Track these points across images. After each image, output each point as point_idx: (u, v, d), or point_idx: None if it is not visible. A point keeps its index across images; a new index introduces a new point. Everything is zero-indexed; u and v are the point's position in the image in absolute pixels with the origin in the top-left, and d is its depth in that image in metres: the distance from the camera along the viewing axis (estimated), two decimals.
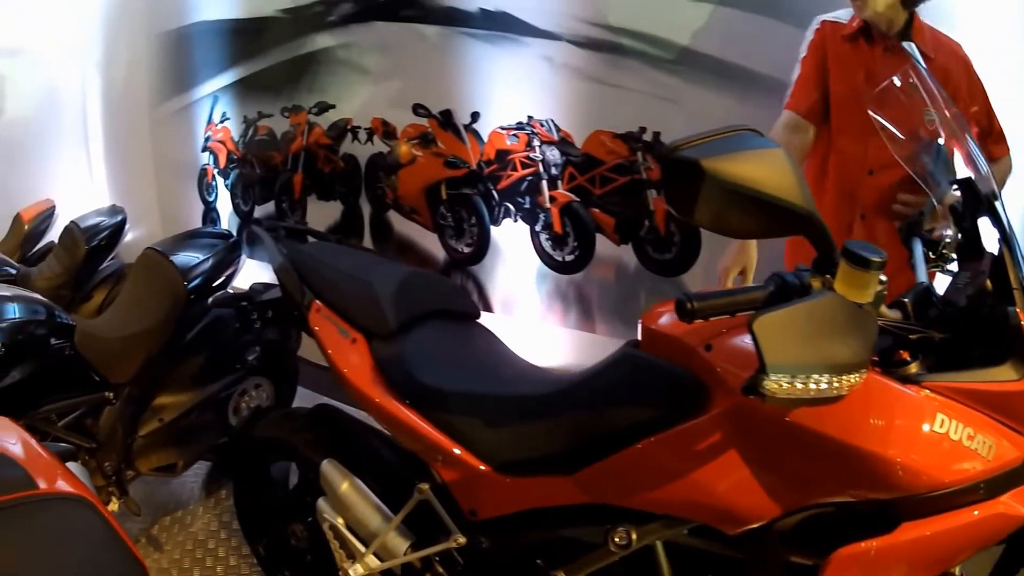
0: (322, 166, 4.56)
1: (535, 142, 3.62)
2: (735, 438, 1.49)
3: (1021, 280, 1.44)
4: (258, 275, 3.85)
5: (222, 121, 5.13)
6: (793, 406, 1.29)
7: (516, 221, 3.78)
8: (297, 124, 4.63)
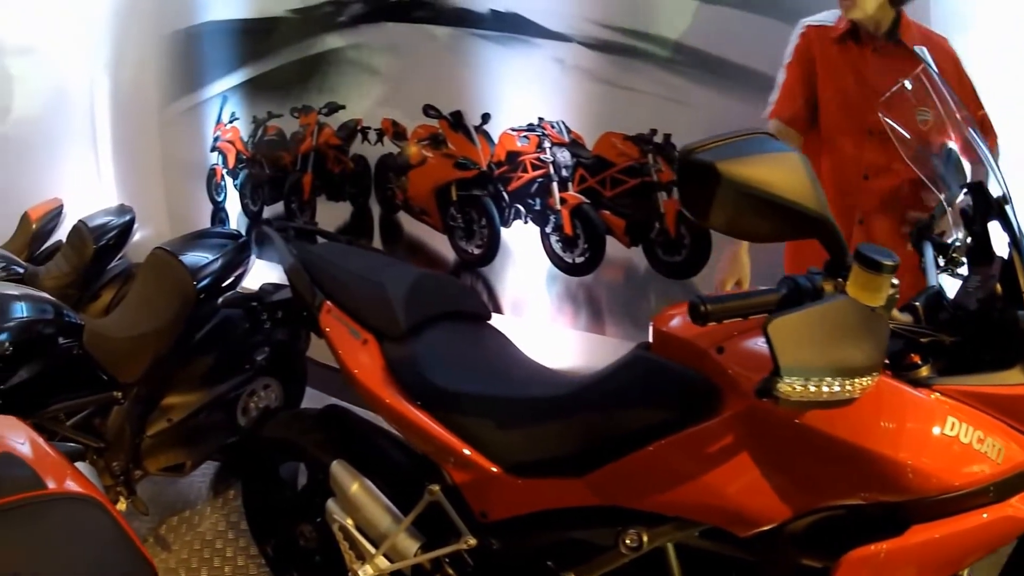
0: (332, 167, 4.56)
1: (546, 144, 3.62)
2: (747, 440, 1.50)
3: None
4: (267, 275, 3.87)
5: (231, 121, 5.13)
6: (805, 409, 1.30)
7: (526, 223, 3.78)
8: (307, 124, 4.63)
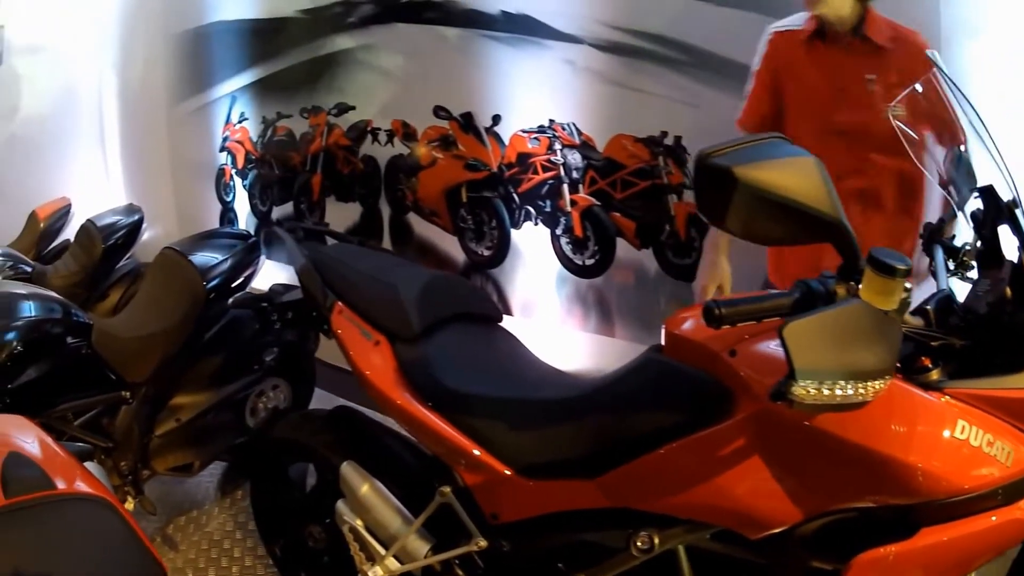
0: (341, 167, 4.56)
1: (556, 145, 3.62)
2: (758, 443, 1.52)
3: None
4: (276, 276, 3.89)
5: (240, 121, 5.14)
6: (819, 412, 1.32)
7: (536, 224, 3.79)
8: (316, 125, 4.64)
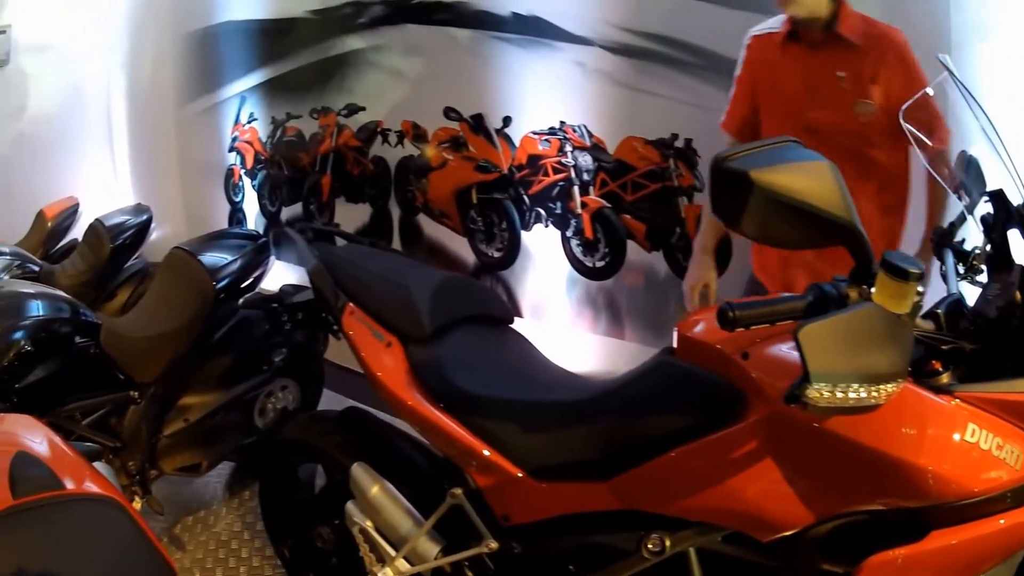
0: (351, 168, 4.58)
1: (567, 147, 3.63)
2: (770, 446, 1.53)
3: None
4: (285, 276, 3.90)
5: (249, 122, 5.15)
6: (832, 414, 1.33)
7: (547, 226, 3.80)
8: (326, 126, 4.64)
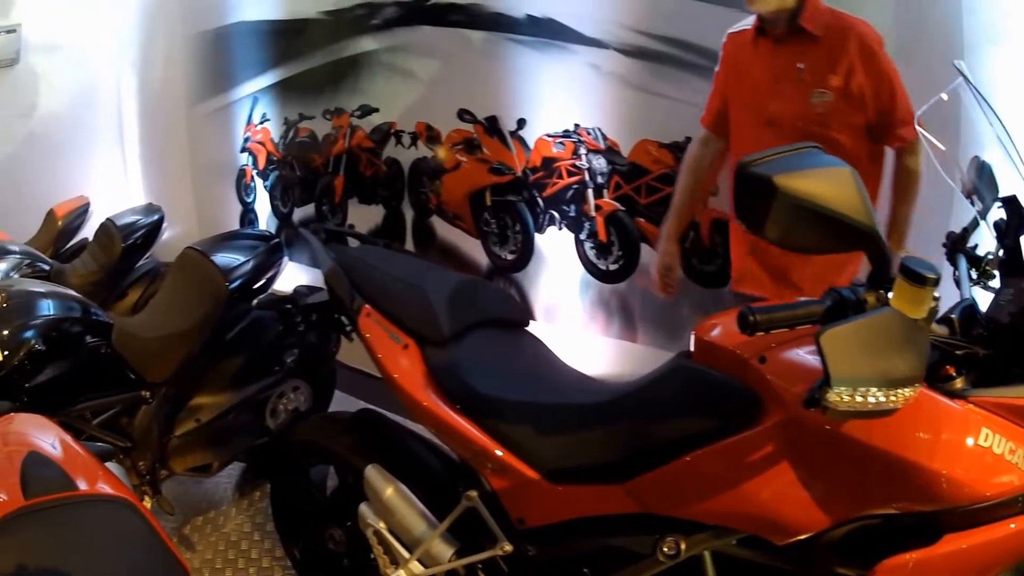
0: (364, 169, 4.59)
1: (581, 150, 3.66)
2: (786, 450, 1.55)
3: None
4: (298, 277, 3.92)
5: (262, 122, 5.17)
6: (850, 418, 1.35)
7: (561, 229, 3.82)
8: (339, 127, 4.66)
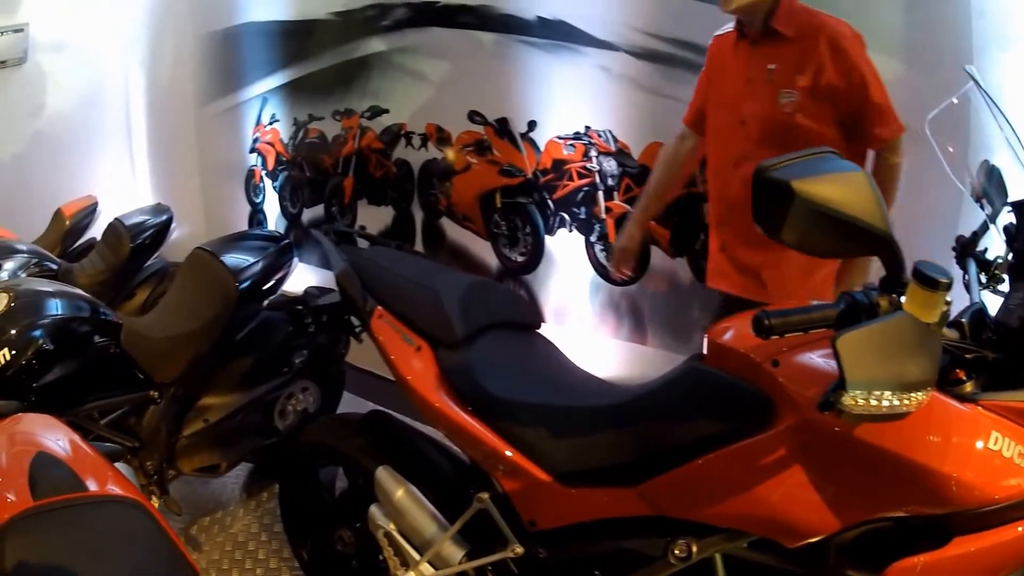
0: (374, 171, 4.61)
1: (592, 152, 3.67)
2: (798, 453, 1.56)
3: None
4: (307, 278, 3.93)
5: (271, 123, 5.19)
6: (863, 421, 1.37)
7: (571, 231, 3.83)
8: (349, 128, 4.68)
